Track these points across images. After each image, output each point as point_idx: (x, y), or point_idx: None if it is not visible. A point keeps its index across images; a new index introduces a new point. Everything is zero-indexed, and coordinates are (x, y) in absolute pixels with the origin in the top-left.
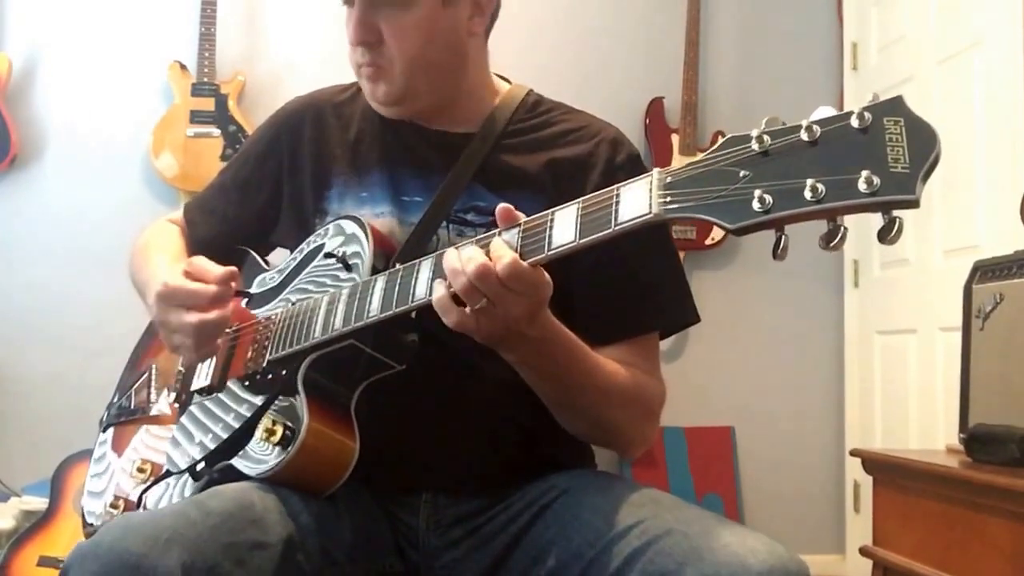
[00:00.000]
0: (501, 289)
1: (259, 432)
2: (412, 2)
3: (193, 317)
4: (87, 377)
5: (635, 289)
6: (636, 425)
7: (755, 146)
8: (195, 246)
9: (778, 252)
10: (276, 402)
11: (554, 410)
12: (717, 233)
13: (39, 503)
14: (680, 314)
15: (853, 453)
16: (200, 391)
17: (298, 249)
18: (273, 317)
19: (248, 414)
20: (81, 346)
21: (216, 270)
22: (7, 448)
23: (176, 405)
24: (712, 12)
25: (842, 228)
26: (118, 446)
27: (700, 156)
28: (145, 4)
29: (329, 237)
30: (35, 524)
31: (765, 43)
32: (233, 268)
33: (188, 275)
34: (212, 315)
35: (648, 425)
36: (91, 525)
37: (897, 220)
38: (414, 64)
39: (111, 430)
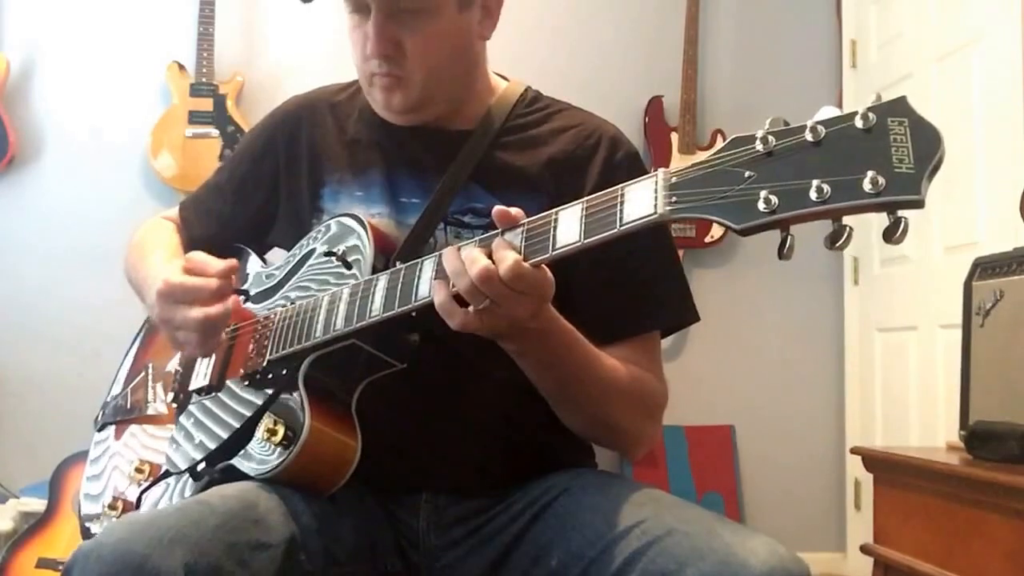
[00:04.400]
0: (505, 291)
1: (260, 432)
2: (434, 12)
3: (197, 312)
4: (85, 377)
5: (635, 289)
6: (636, 423)
7: (759, 147)
8: (190, 245)
9: (784, 252)
10: (277, 402)
11: (554, 404)
12: (716, 231)
13: (37, 504)
14: (680, 314)
15: (854, 451)
16: (199, 391)
17: (296, 247)
18: (272, 316)
19: (249, 414)
20: (79, 346)
21: (216, 264)
22: (5, 449)
23: (174, 405)
24: (711, 10)
25: (847, 228)
26: (115, 447)
27: (704, 156)
28: (143, 4)
29: (328, 235)
30: (34, 526)
31: (764, 41)
32: (233, 261)
33: (188, 271)
34: (215, 309)
35: (649, 424)
36: (89, 527)
37: (902, 220)
38: (434, 73)
39: (108, 430)
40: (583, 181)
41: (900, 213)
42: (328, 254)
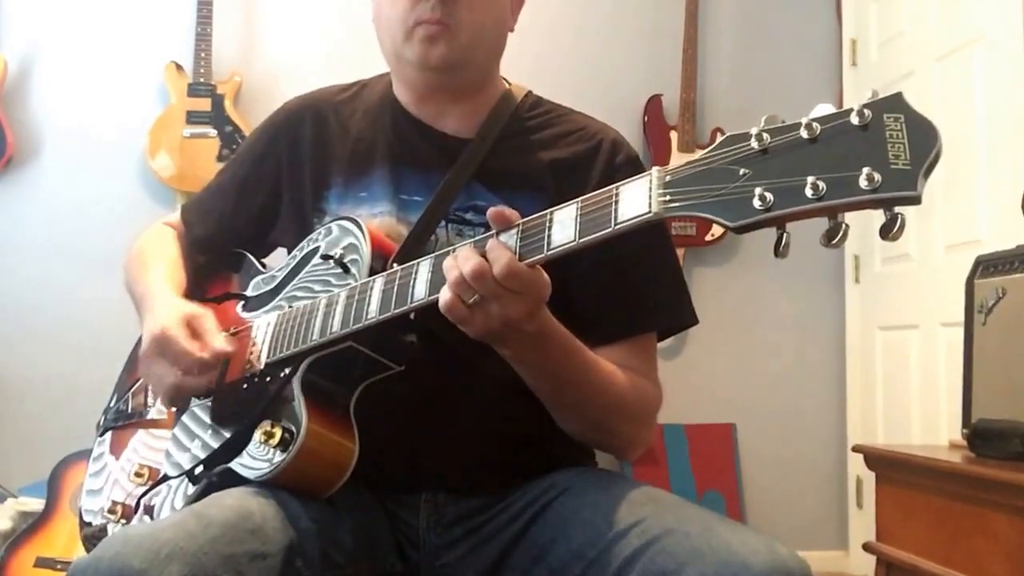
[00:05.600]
0: (499, 289)
1: (258, 435)
2: None
3: (175, 378)
4: (84, 377)
5: (632, 290)
6: (632, 428)
7: (755, 144)
8: (192, 246)
9: (779, 250)
10: (274, 404)
11: (550, 409)
12: (717, 229)
13: (36, 504)
14: (677, 316)
15: (855, 449)
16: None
17: (296, 251)
18: (270, 320)
19: (246, 417)
20: (78, 346)
21: (215, 339)
22: (3, 449)
23: (173, 409)
24: (711, 9)
25: (843, 225)
26: (115, 451)
27: (699, 154)
28: (141, 4)
29: (326, 239)
30: (32, 525)
31: (764, 40)
32: (229, 348)
33: (189, 325)
34: (190, 382)
35: (644, 428)
36: (90, 532)
37: (899, 217)
38: (478, 33)
39: (108, 434)
40: (584, 184)
41: (897, 209)
42: (326, 257)
